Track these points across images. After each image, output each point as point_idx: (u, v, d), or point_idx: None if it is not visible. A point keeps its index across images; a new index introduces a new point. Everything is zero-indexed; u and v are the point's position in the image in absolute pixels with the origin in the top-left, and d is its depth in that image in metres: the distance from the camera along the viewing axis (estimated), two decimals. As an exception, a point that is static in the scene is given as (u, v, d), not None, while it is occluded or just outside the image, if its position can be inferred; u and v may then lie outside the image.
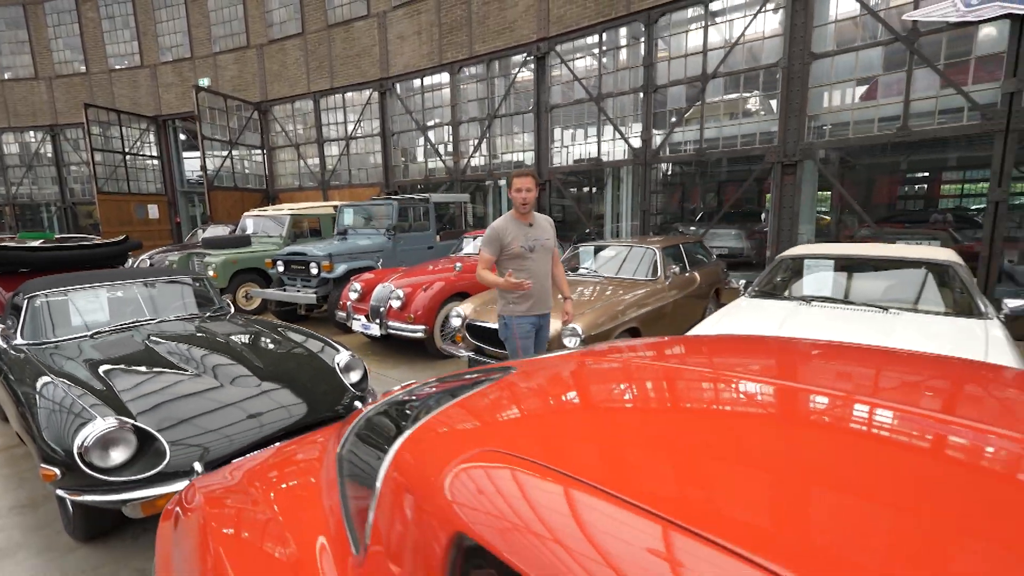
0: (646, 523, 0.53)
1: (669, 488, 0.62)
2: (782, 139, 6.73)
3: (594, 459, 0.69)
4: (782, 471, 0.63)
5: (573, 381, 1.03)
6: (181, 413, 2.36)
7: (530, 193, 2.75)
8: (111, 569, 2.16)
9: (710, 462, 0.67)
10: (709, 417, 0.81)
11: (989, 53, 5.41)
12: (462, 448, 0.76)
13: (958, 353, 2.47)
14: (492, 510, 0.61)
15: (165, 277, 4.03)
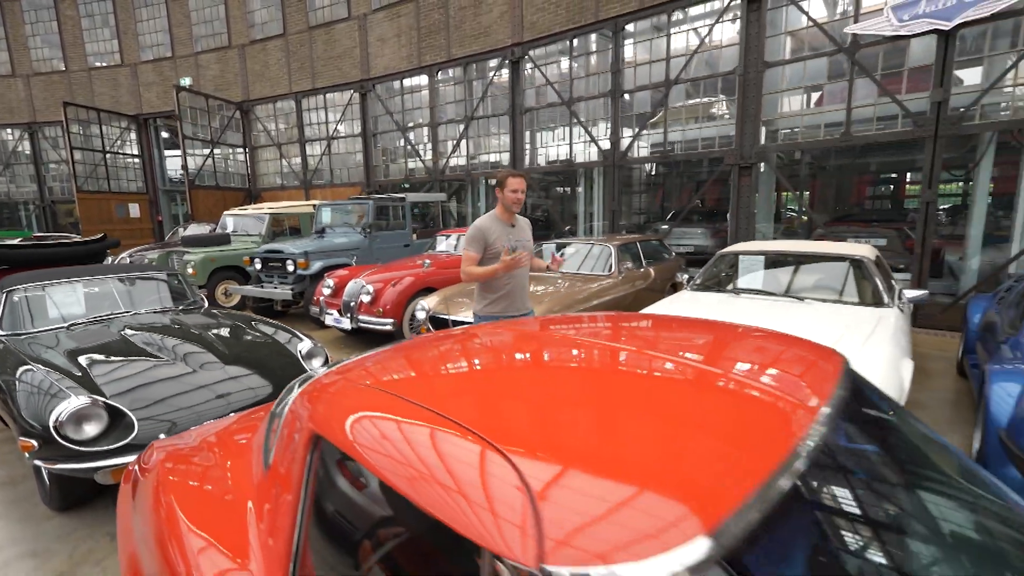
0: (440, 427, 0.80)
1: (468, 407, 0.90)
2: (739, 143, 7.10)
3: (424, 388, 0.97)
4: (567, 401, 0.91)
5: (447, 343, 1.31)
6: (151, 393, 2.61)
7: (523, 195, 2.78)
8: (84, 534, 2.40)
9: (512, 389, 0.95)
10: (533, 365, 1.09)
11: (920, 65, 5.81)
12: (337, 383, 1.04)
13: (846, 335, 2.81)
14: (336, 416, 0.88)
15: (140, 273, 4.25)
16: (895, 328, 3.05)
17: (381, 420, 0.81)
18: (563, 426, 0.77)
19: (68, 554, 2.25)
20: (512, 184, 2.72)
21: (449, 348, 1.19)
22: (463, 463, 0.64)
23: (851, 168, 15.03)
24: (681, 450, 0.68)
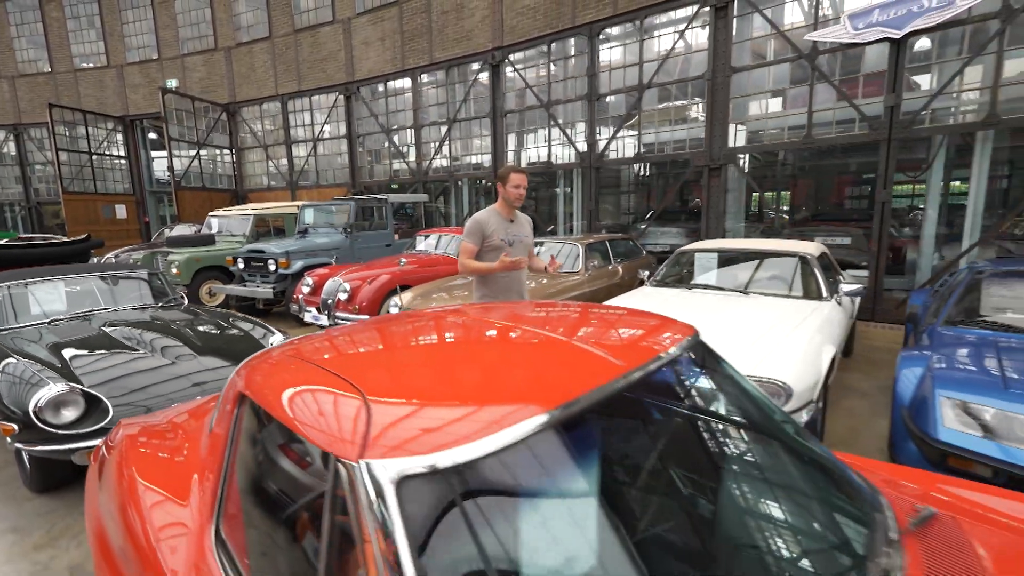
0: (322, 378, 1.00)
1: (355, 365, 1.10)
2: (708, 145, 7.35)
3: (331, 355, 1.17)
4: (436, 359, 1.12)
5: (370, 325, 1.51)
6: (128, 382, 2.79)
7: (524, 190, 2.80)
8: (62, 512, 2.58)
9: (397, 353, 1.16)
10: (425, 337, 1.30)
11: (875, 71, 6.09)
12: (266, 355, 1.24)
13: (777, 324, 3.04)
14: (255, 377, 1.09)
15: (121, 272, 4.41)
16: (826, 319, 3.29)
17: (284, 374, 1.02)
18: (425, 376, 0.97)
19: (46, 530, 2.42)
20: (515, 180, 2.75)
21: (368, 329, 1.39)
22: (328, 399, 0.84)
23: (829, 169, 15.41)
24: (496, 387, 0.88)
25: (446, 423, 0.75)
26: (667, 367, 1.12)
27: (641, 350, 1.05)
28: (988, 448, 2.05)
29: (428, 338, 1.22)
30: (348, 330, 1.36)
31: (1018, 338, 2.72)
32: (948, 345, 2.76)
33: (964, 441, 2.12)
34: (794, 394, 2.45)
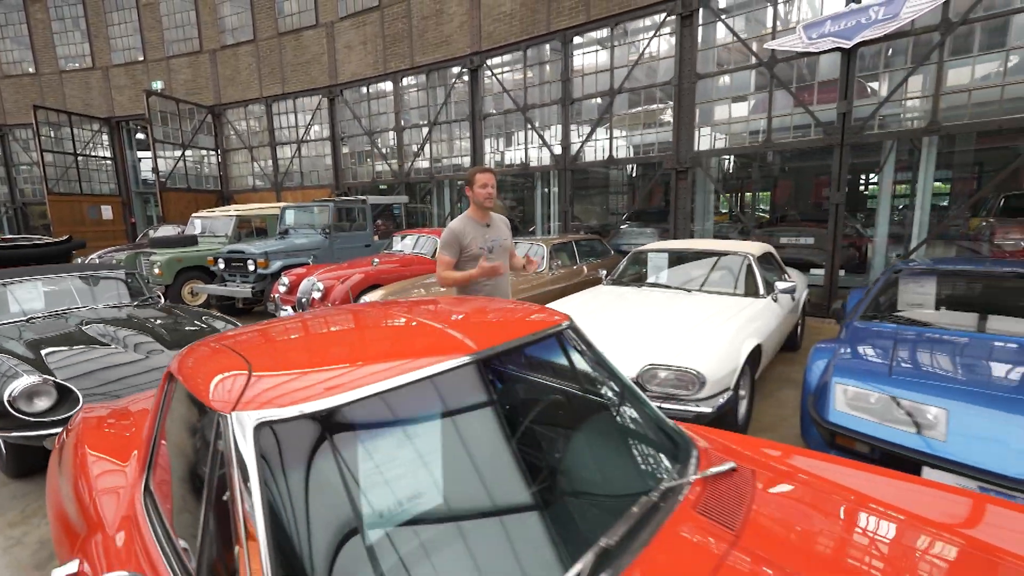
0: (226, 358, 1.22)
1: (260, 347, 1.32)
2: (676, 148, 7.62)
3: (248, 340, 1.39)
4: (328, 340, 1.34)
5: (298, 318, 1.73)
6: (100, 374, 2.99)
7: (494, 190, 2.68)
8: (36, 495, 2.77)
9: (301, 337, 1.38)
10: (333, 325, 1.52)
11: (829, 79, 6.38)
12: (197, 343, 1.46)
13: (710, 319, 3.29)
14: (181, 359, 1.31)
15: (99, 272, 4.59)
16: (756, 315, 3.55)
17: (202, 356, 1.24)
18: (308, 353, 1.20)
19: (20, 510, 2.62)
20: (480, 180, 2.63)
21: (294, 319, 1.61)
22: (223, 372, 1.07)
23: (808, 171, 15.80)
24: (359, 360, 1.11)
25: (304, 387, 0.98)
26: (534, 345, 1.36)
27: (499, 335, 1.29)
28: (866, 427, 2.31)
29: (331, 326, 1.44)
30: (280, 321, 1.58)
31: (916, 331, 2.98)
32: (857, 338, 3.02)
33: (848, 422, 2.37)
34: (707, 382, 2.70)
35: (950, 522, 1.13)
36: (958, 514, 1.17)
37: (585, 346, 1.55)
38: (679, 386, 2.72)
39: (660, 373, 2.75)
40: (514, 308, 1.61)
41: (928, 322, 3.14)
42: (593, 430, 1.37)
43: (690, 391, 2.71)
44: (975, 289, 3.42)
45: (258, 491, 0.85)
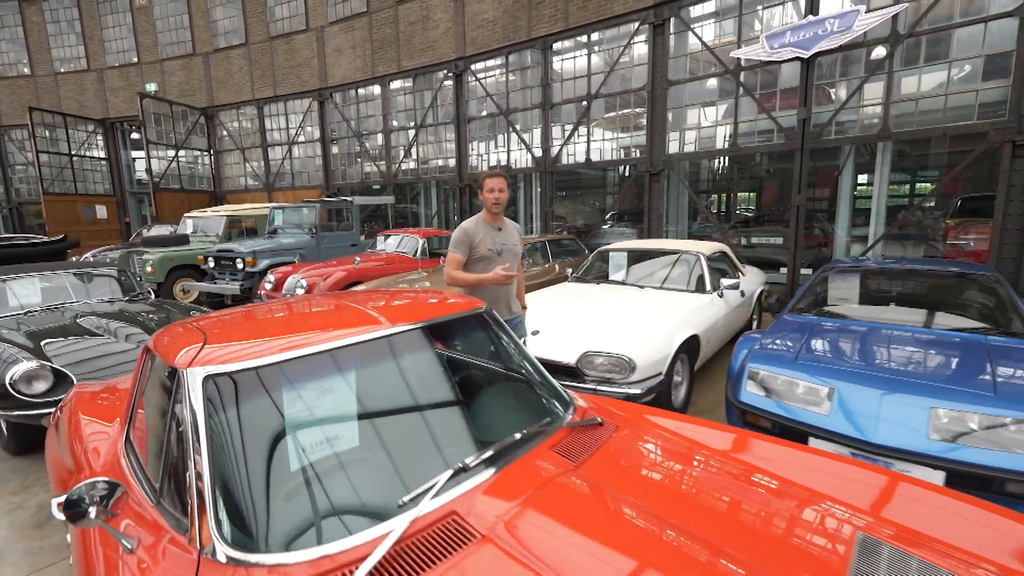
0: (190, 333, 1.52)
1: (223, 326, 1.62)
2: (649, 151, 7.94)
3: (213, 323, 1.70)
4: (280, 321, 1.65)
5: (261, 305, 2.03)
6: (94, 362, 3.28)
7: (503, 194, 2.64)
8: (35, 468, 3.07)
9: (260, 319, 1.69)
10: (288, 308, 1.82)
11: (790, 86, 6.71)
12: (177, 324, 1.76)
13: (654, 312, 3.60)
14: (159, 337, 1.61)
15: (93, 269, 4.88)
16: (697, 309, 3.87)
17: (174, 333, 1.54)
18: (254, 329, 1.50)
19: (20, 481, 2.92)
20: (489, 184, 2.62)
21: (256, 306, 1.91)
22: (186, 343, 1.37)
23: (789, 173, 16.10)
24: (291, 333, 1.42)
25: (241, 351, 1.29)
26: (451, 325, 1.68)
27: (411, 316, 1.60)
28: (768, 405, 2.63)
29: (277, 311, 1.75)
30: (239, 308, 1.89)
31: (831, 322, 3.31)
32: (779, 329, 3.34)
33: (755, 401, 2.69)
34: (638, 367, 3.02)
35: (766, 466, 1.44)
36: (777, 459, 1.48)
37: (498, 327, 1.86)
38: (613, 370, 3.03)
39: (597, 359, 3.06)
40: (438, 298, 1.92)
41: (844, 315, 3.46)
42: (491, 390, 1.68)
43: (623, 375, 3.02)
44: (890, 285, 3.74)
45: (203, 426, 1.15)
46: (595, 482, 1.27)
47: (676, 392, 3.57)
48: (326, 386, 1.35)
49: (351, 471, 1.24)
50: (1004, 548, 1.11)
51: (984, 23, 5.39)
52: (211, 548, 1.00)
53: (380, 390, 1.44)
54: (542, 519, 1.11)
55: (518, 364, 1.79)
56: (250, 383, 1.24)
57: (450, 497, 1.15)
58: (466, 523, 1.08)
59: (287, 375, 1.30)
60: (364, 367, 1.43)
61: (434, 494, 1.13)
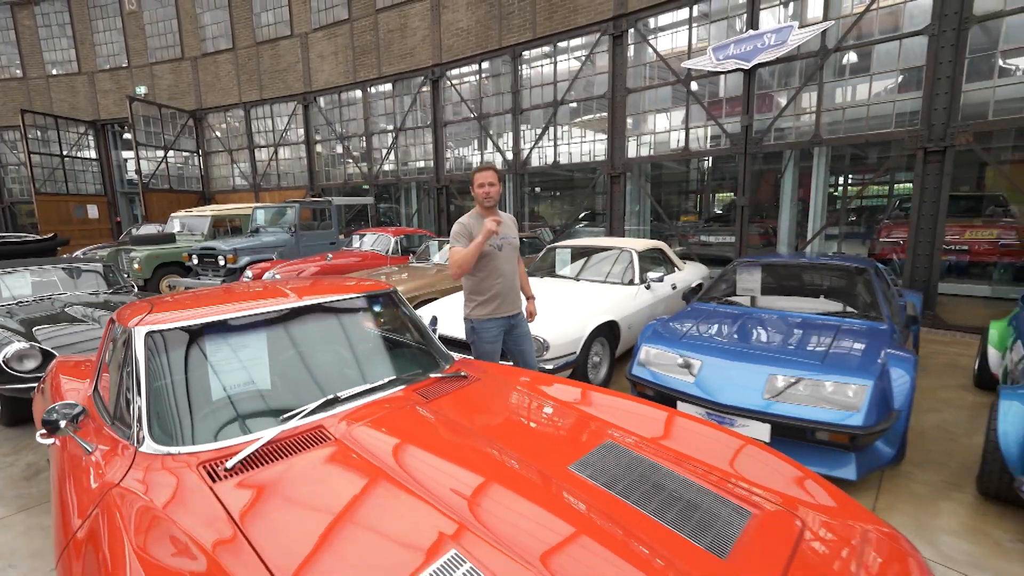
0: (144, 306, 1.98)
1: (168, 302, 2.08)
2: (610, 155, 8.42)
3: (168, 299, 2.15)
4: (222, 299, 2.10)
5: (217, 288, 2.48)
6: (79, 345, 3.71)
7: (493, 187, 2.61)
8: (27, 436, 3.51)
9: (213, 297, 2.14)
10: (238, 291, 2.28)
11: (735, 95, 7.19)
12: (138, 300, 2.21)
13: (581, 300, 4.07)
14: (122, 311, 2.07)
15: (81, 264, 5.31)
16: (621, 299, 4.34)
17: (133, 306, 2.00)
18: (195, 301, 1.96)
19: (12, 447, 3.36)
20: (479, 179, 2.61)
21: (211, 289, 2.37)
22: (137, 311, 1.83)
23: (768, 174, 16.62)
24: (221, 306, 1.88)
25: (175, 315, 1.74)
26: (357, 302, 2.14)
27: (319, 293, 2.06)
28: (651, 376, 3.10)
29: (220, 292, 2.20)
30: (193, 290, 2.34)
31: (725, 308, 3.79)
32: (683, 315, 3.81)
33: (642, 373, 3.17)
34: (551, 347, 3.49)
35: (581, 407, 1.90)
36: (597, 403, 1.94)
37: (402, 304, 2.33)
38: (539, 350, 3.50)
39: (517, 340, 3.53)
40: (352, 281, 2.38)
41: (737, 302, 3.95)
42: (381, 349, 2.15)
43: (539, 353, 3.49)
44: (784, 277, 4.22)
45: (143, 366, 1.61)
46: (437, 412, 1.73)
47: (596, 372, 4.05)
48: (240, 339, 1.82)
49: (249, 398, 1.71)
50: (719, 454, 1.56)
51: (899, 40, 5.89)
52: (143, 443, 1.46)
53: (285, 344, 1.90)
54: (384, 430, 1.57)
55: (411, 331, 2.26)
56: (178, 337, 1.71)
57: (321, 416, 1.61)
58: (327, 432, 1.55)
59: (207, 332, 1.76)
60: (273, 328, 1.90)
61: (305, 414, 1.59)
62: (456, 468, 1.38)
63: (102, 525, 1.18)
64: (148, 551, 1.07)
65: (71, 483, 1.51)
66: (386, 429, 1.58)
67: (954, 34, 5.48)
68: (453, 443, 1.53)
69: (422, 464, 1.39)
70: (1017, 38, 5.32)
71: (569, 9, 8.55)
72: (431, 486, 1.27)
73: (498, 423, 1.72)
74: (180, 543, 1.09)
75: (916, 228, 5.90)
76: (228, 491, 1.26)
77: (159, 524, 1.16)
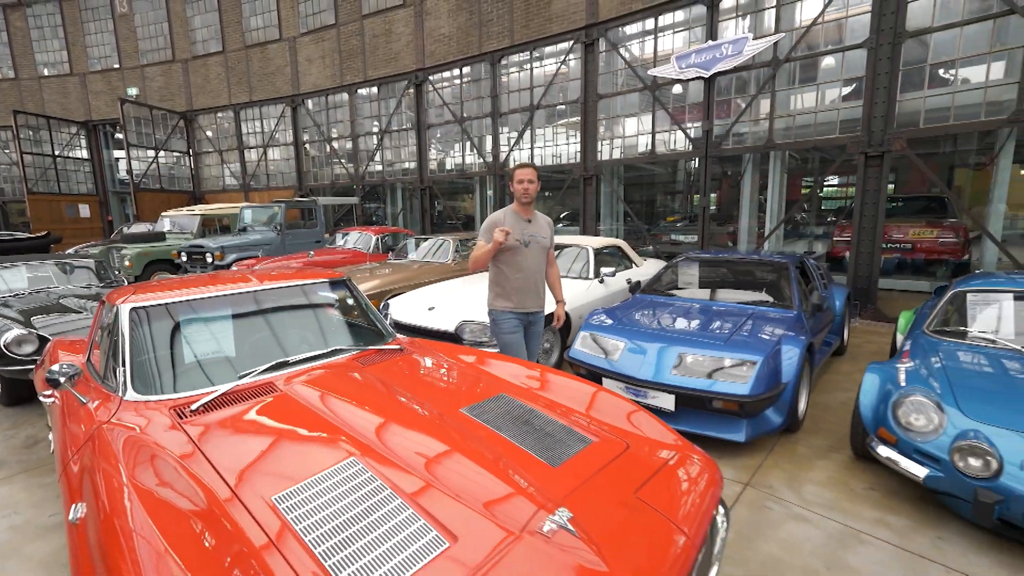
0: (130, 289, 2.36)
1: (153, 286, 2.46)
2: (583, 158, 8.83)
3: (154, 285, 2.52)
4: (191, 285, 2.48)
5: (195, 278, 2.85)
6: (73, 331, 4.07)
7: (532, 185, 2.64)
8: (25, 414, 3.86)
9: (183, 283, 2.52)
10: (207, 278, 2.65)
11: (696, 101, 7.62)
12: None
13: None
14: (111, 294, 2.43)
15: (74, 260, 5.66)
16: (571, 292, 4.73)
17: (122, 290, 2.37)
18: (174, 285, 2.34)
19: (12, 423, 3.71)
20: (518, 175, 2.65)
21: (185, 276, 2.74)
22: (123, 294, 2.20)
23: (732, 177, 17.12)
24: (197, 288, 2.26)
25: (155, 295, 2.12)
26: (313, 288, 2.53)
27: (277, 280, 2.45)
28: (584, 357, 3.50)
29: (194, 279, 2.58)
30: (174, 277, 2.72)
31: (663, 299, 4.19)
32: (625, 305, 4.21)
33: (577, 355, 3.56)
34: (500, 332, 3.87)
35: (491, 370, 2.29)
36: (509, 372, 2.33)
37: (354, 290, 2.72)
38: (481, 334, 3.90)
39: (469, 326, 3.93)
40: (310, 272, 2.76)
41: (674, 293, 4.36)
42: (332, 324, 2.54)
43: (487, 338, 3.89)
44: (719, 271, 4.64)
45: (127, 334, 1.99)
46: (368, 374, 2.12)
47: (547, 357, 4.45)
48: (208, 315, 2.20)
49: (214, 361, 2.09)
50: (583, 401, 1.97)
51: (842, 52, 6.33)
52: (127, 393, 1.84)
53: (248, 319, 2.29)
54: (319, 386, 1.96)
55: (361, 312, 2.65)
56: (156, 312, 2.09)
57: (271, 375, 2.00)
58: (274, 387, 1.93)
59: (180, 309, 2.14)
60: (238, 306, 2.28)
61: (258, 373, 1.98)
62: (369, 410, 1.77)
63: (95, 445, 1.57)
64: (129, 457, 1.46)
65: (70, 426, 1.89)
66: (321, 385, 1.97)
67: (890, 47, 5.92)
68: (372, 394, 1.92)
69: (342, 408, 1.77)
70: (945, 52, 5.77)
71: (544, 18, 8.95)
72: (346, 420, 1.67)
73: (415, 382, 2.11)
74: (153, 453, 1.48)
75: (859, 228, 6.34)
76: (191, 425, 1.65)
77: (138, 442, 1.54)
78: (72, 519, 1.36)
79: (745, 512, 2.43)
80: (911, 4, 5.80)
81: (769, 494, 2.58)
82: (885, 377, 2.73)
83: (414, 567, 1.10)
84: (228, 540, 1.16)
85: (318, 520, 1.22)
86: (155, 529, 1.16)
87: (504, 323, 2.90)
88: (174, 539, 1.14)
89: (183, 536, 1.16)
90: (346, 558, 1.11)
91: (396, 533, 1.19)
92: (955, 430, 2.26)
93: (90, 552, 1.21)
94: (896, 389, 2.58)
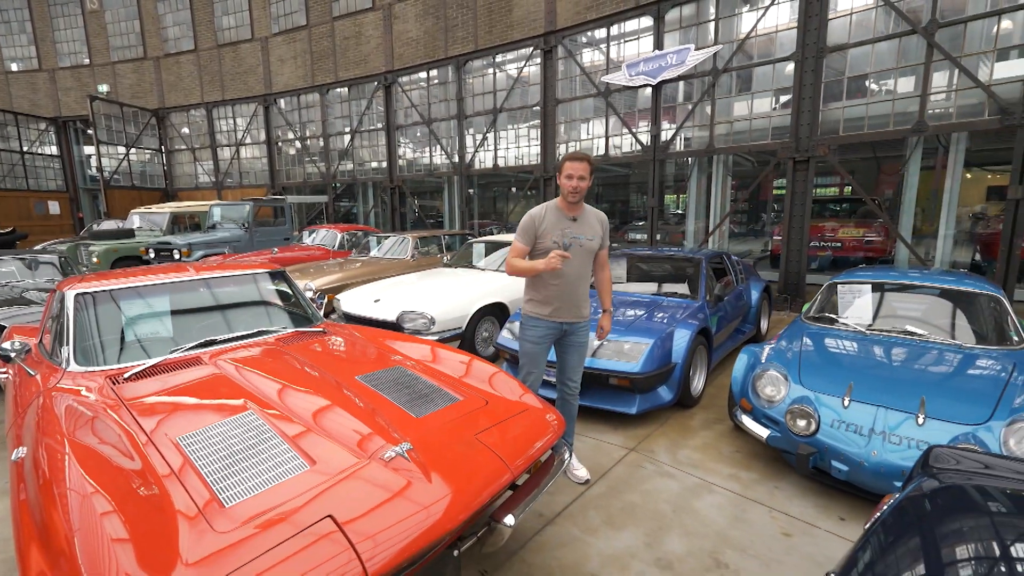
0: (80, 278, 2.66)
1: (104, 276, 2.76)
2: (543, 160, 9.22)
3: (105, 274, 2.82)
4: (140, 274, 2.79)
5: (148, 268, 3.15)
6: (34, 321, 4.31)
7: (583, 181, 2.30)
8: None
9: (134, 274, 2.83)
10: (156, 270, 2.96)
11: (645, 107, 8.07)
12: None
13: (483, 290, 4.83)
14: (63, 282, 2.73)
15: (37, 256, 5.85)
16: (508, 284, 5.10)
17: (69, 278, 2.67)
18: (124, 276, 2.64)
19: (-25, 407, 3.96)
20: (567, 169, 2.31)
21: (144, 269, 3.04)
22: (72, 280, 2.50)
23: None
24: (145, 278, 2.57)
25: (100, 283, 2.43)
26: (248, 278, 2.85)
27: (216, 271, 2.77)
28: (504, 342, 3.87)
29: (139, 270, 2.89)
30: (122, 269, 3.02)
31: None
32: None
33: (503, 341, 3.94)
34: (437, 322, 4.24)
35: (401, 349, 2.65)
36: (416, 352, 2.69)
37: (287, 280, 3.05)
38: (419, 324, 4.25)
39: (408, 316, 4.28)
40: (246, 263, 3.09)
41: (601, 286, 4.76)
42: (263, 309, 2.88)
43: (427, 327, 4.24)
44: (644, 266, 5.06)
45: (72, 316, 2.30)
46: (286, 352, 2.46)
47: (485, 346, 4.81)
48: (146, 300, 2.52)
49: (150, 339, 2.41)
50: (461, 370, 2.34)
51: (773, 64, 6.82)
52: (69, 364, 2.15)
53: (184, 304, 2.61)
54: (239, 359, 2.29)
55: (293, 300, 2.98)
56: (100, 296, 2.40)
57: (200, 351, 2.33)
58: (200, 360, 2.26)
59: (120, 295, 2.46)
60: (175, 293, 2.61)
61: (187, 349, 2.31)
62: (276, 378, 2.11)
63: (38, 403, 1.89)
64: (63, 409, 1.79)
65: (19, 393, 2.20)
66: (241, 358, 2.30)
67: (814, 61, 6.42)
68: (282, 366, 2.26)
69: (253, 376, 2.12)
70: (859, 67, 6.28)
71: (506, 24, 9.31)
72: (255, 384, 2.01)
73: (324, 356, 2.46)
74: (85, 406, 1.81)
75: (788, 227, 6.84)
76: (123, 389, 1.98)
77: (74, 399, 1.87)
78: (14, 459, 1.68)
79: (622, 471, 2.83)
80: (832, 21, 6.31)
81: (648, 457, 2.98)
82: (753, 357, 3.16)
83: (277, 482, 1.45)
84: (140, 472, 1.50)
85: (211, 453, 1.57)
86: (77, 462, 1.49)
87: (530, 329, 2.53)
88: (95, 471, 1.47)
89: (103, 467, 1.49)
90: (229, 481, 1.46)
91: (270, 461, 1.54)
92: (791, 397, 2.69)
93: (26, 484, 1.54)
94: (758, 365, 3.01)
